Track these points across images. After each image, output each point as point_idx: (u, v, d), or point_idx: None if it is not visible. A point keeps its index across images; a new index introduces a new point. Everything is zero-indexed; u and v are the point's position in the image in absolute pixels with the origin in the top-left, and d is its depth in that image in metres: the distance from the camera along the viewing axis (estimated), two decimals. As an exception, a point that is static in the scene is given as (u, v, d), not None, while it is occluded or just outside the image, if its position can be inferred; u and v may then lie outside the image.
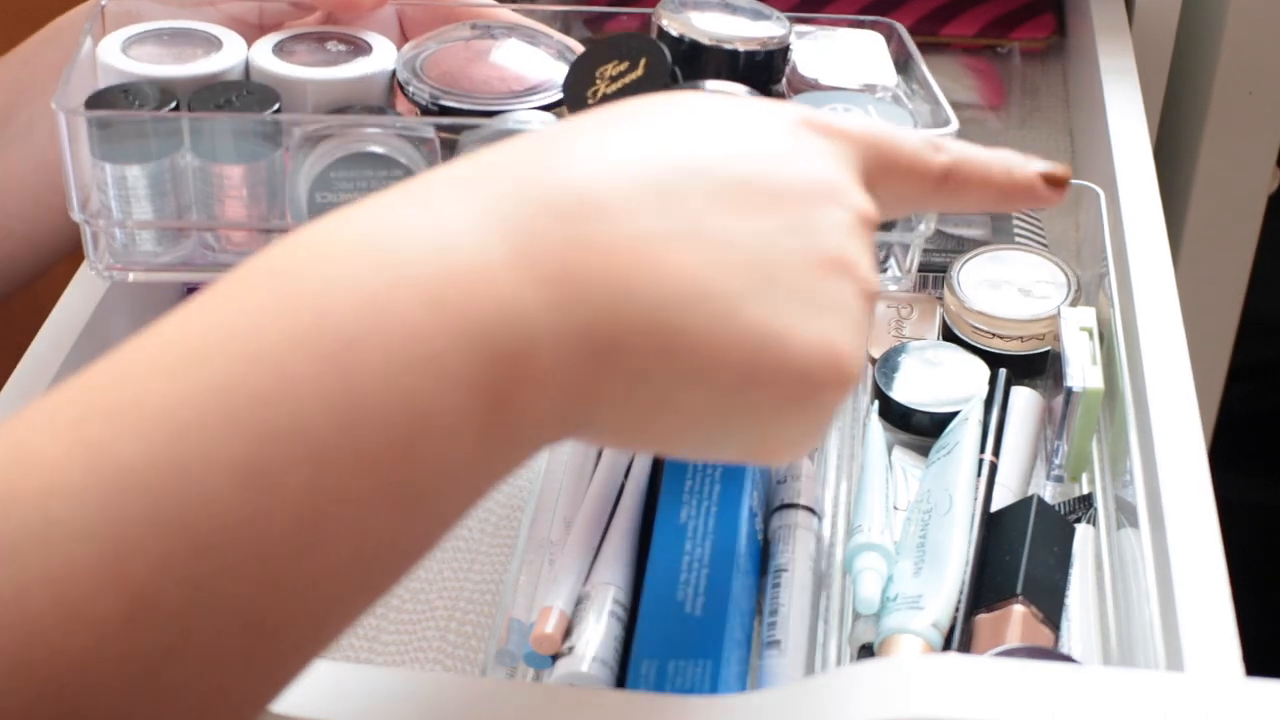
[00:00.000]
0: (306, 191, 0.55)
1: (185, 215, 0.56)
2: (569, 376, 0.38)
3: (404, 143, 0.55)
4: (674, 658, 0.50)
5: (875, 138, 0.45)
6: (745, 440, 0.42)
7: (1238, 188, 0.92)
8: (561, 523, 0.58)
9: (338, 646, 0.60)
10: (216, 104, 0.55)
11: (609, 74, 0.56)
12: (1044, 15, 0.94)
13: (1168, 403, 0.56)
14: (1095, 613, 0.55)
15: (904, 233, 0.59)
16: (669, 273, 0.38)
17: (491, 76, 0.58)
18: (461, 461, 0.37)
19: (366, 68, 0.58)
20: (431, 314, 0.36)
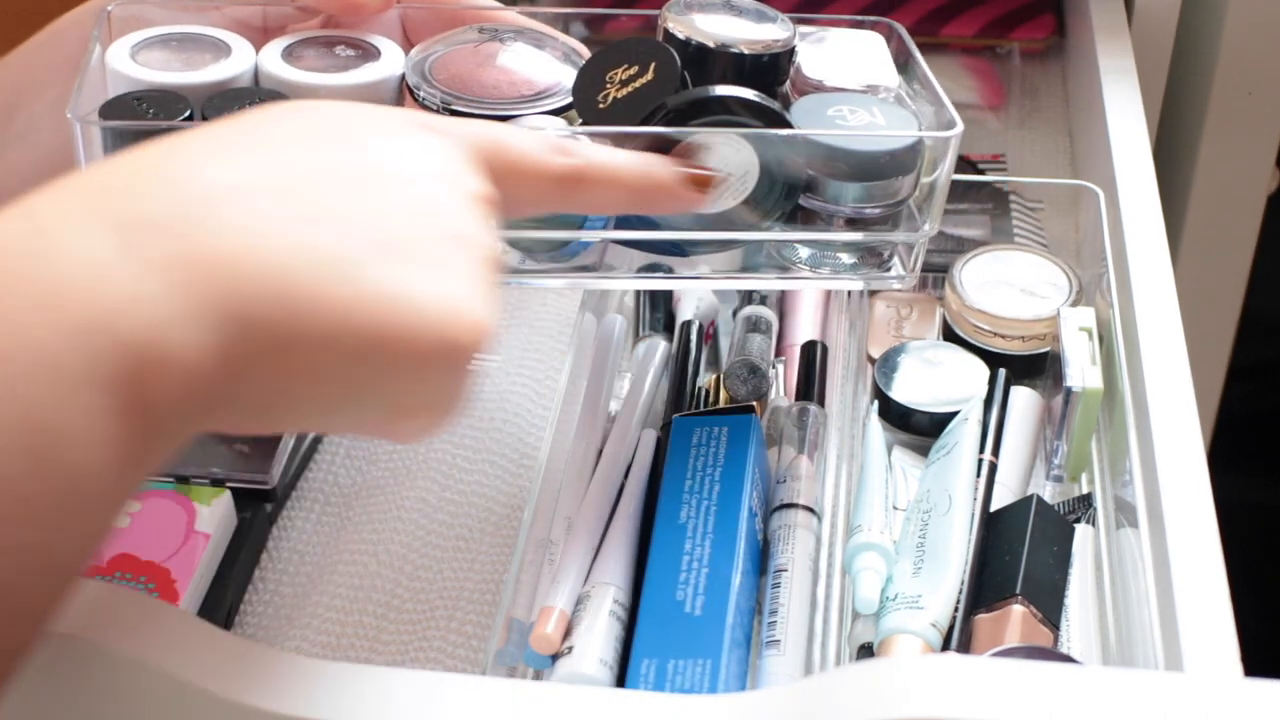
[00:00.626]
0: None
1: None
2: (200, 356, 0.38)
3: None
4: (674, 658, 0.51)
5: (485, 138, 0.48)
6: (383, 405, 0.43)
7: (1237, 188, 0.92)
8: (561, 523, 0.58)
9: (338, 646, 0.60)
10: (231, 112, 0.55)
11: (619, 78, 0.56)
12: (1043, 15, 0.94)
13: (1167, 403, 0.56)
14: (1095, 613, 0.55)
15: (908, 233, 0.59)
16: (288, 244, 0.40)
17: (501, 80, 0.58)
18: (100, 462, 0.37)
19: (376, 73, 0.58)
20: (46, 317, 0.35)
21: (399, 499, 0.66)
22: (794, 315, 0.70)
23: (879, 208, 0.58)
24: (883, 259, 0.60)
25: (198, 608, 0.60)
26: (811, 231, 0.58)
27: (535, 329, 0.75)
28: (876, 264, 0.60)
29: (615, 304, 0.73)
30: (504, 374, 0.72)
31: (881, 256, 0.60)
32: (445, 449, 0.68)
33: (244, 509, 0.64)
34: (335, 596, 0.62)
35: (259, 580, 0.64)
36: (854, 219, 0.58)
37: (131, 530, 0.61)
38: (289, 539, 0.65)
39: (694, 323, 0.68)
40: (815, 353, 0.66)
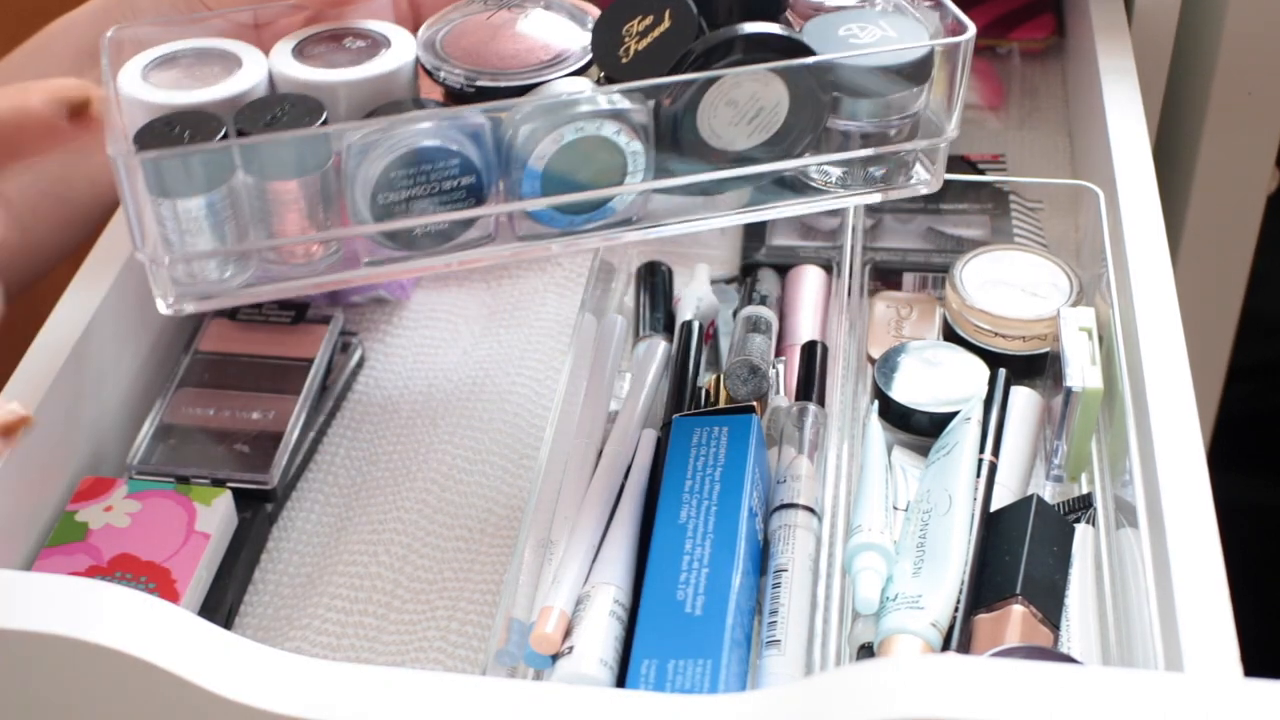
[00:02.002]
0: (369, 195, 0.55)
1: (245, 237, 0.56)
2: None
3: (454, 129, 0.55)
4: (674, 658, 0.51)
5: None
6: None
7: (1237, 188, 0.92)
8: (561, 523, 0.58)
9: (338, 646, 0.60)
10: (264, 122, 0.55)
11: (635, 30, 0.57)
12: (1043, 16, 0.94)
13: (1167, 403, 0.56)
14: (1095, 613, 0.55)
15: (931, 138, 0.60)
16: None
17: (519, 49, 0.59)
18: None
19: (392, 62, 0.58)
20: None
21: (399, 499, 0.66)
22: (794, 315, 0.70)
23: (902, 118, 0.60)
24: (908, 168, 0.62)
25: (198, 608, 0.60)
26: (840, 152, 0.60)
27: (535, 329, 0.75)
28: (903, 174, 0.62)
29: (615, 304, 0.73)
30: (504, 374, 0.72)
31: (907, 166, 0.62)
32: (445, 449, 0.68)
33: (244, 509, 0.64)
34: (335, 596, 0.62)
35: (259, 580, 0.64)
36: (878, 132, 0.60)
37: (132, 530, 0.61)
38: (289, 539, 0.65)
39: (694, 323, 0.68)
40: (815, 353, 0.66)
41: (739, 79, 0.56)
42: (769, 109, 0.57)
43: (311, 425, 0.69)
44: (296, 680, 0.45)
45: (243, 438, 0.66)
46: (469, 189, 0.56)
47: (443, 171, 0.55)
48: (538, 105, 0.56)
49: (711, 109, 0.56)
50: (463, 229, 0.58)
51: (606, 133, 0.56)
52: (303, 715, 0.44)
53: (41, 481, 0.62)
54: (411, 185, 0.55)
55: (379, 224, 0.56)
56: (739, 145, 0.57)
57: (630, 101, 0.56)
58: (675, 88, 0.56)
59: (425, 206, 0.56)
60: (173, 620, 0.46)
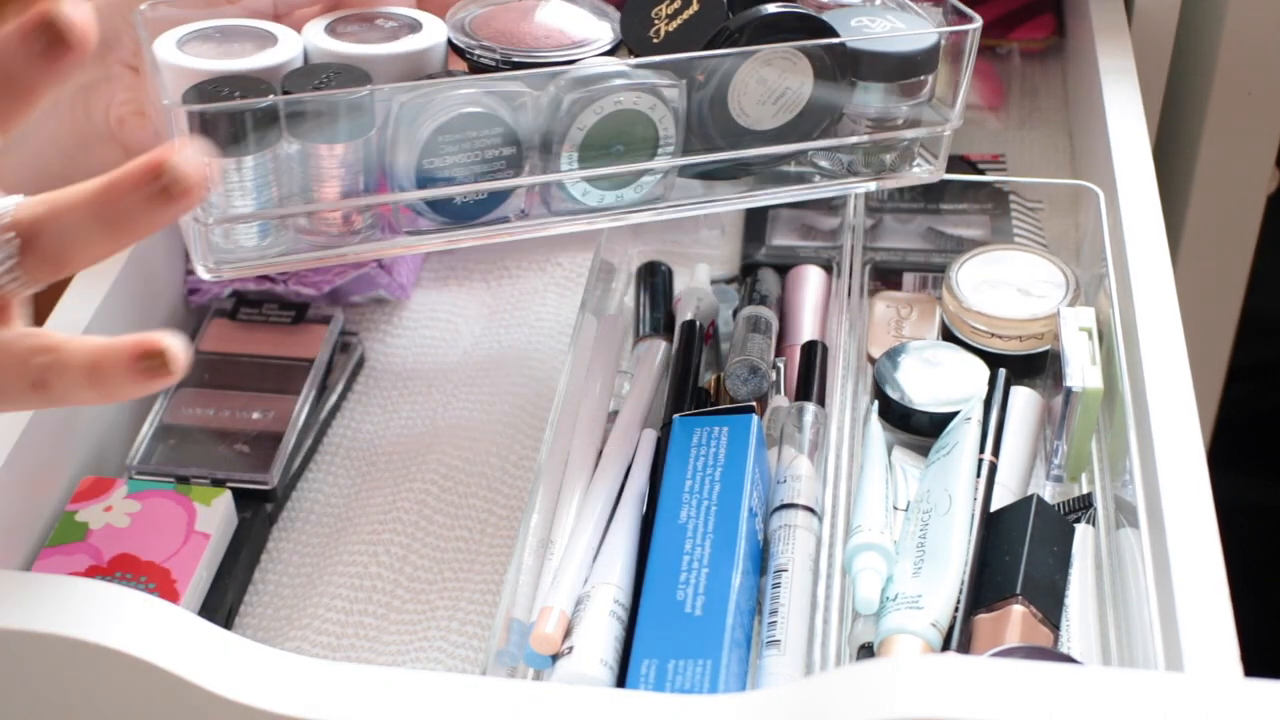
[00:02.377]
0: (415, 160, 0.56)
1: (286, 203, 0.57)
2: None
3: (496, 100, 0.56)
4: (674, 658, 0.51)
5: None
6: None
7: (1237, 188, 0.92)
8: (561, 523, 0.58)
9: (338, 646, 0.60)
10: (312, 86, 0.55)
11: (665, 13, 0.59)
12: (1043, 16, 0.94)
13: (1167, 403, 0.56)
14: (1095, 613, 0.55)
15: (932, 127, 0.63)
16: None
17: (550, 32, 0.60)
18: None
19: (426, 40, 0.59)
20: None
21: (399, 499, 0.66)
22: (794, 315, 0.70)
23: (911, 106, 0.62)
24: (913, 156, 0.65)
25: (198, 608, 0.60)
26: (858, 137, 0.63)
27: (535, 329, 0.75)
28: (908, 161, 0.64)
29: (615, 304, 0.73)
30: (504, 374, 0.72)
31: (912, 154, 0.64)
32: (445, 449, 0.68)
33: (244, 509, 0.64)
34: (335, 596, 0.62)
35: (259, 580, 0.64)
36: (890, 119, 0.62)
37: (132, 530, 0.61)
38: (289, 539, 0.65)
39: (694, 323, 0.68)
40: (815, 353, 0.66)
41: (771, 56, 0.58)
42: (794, 89, 0.59)
43: (311, 425, 0.69)
44: (296, 680, 0.45)
45: (243, 438, 0.66)
46: (509, 160, 0.57)
47: (486, 139, 0.57)
48: (577, 76, 0.57)
49: (743, 86, 0.58)
50: (497, 203, 0.59)
51: (643, 107, 0.58)
52: (303, 715, 0.44)
53: (41, 481, 0.62)
54: (456, 150, 0.56)
55: (421, 190, 0.57)
56: (765, 125, 0.60)
57: (663, 78, 0.58)
58: (709, 64, 0.58)
59: (466, 175, 0.57)
60: (173, 620, 0.46)
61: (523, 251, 0.79)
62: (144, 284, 0.69)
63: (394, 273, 0.75)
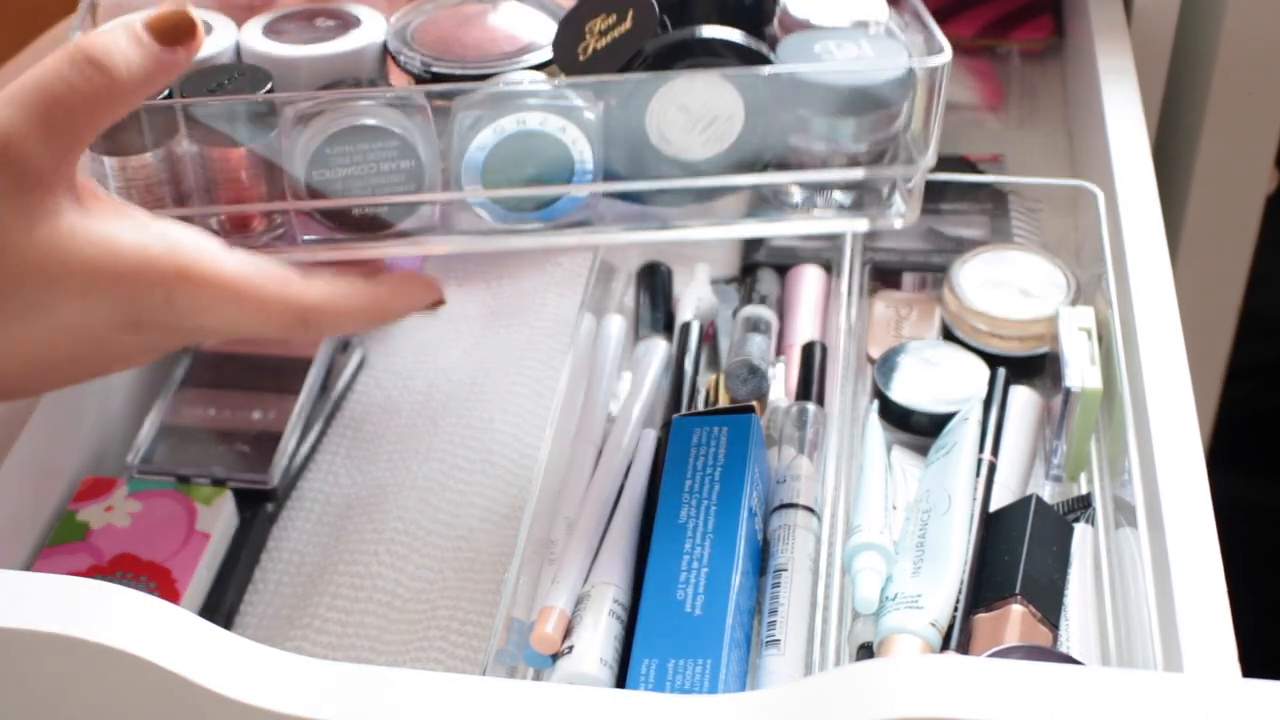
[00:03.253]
0: (304, 170, 0.55)
1: (187, 202, 0.56)
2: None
3: (397, 113, 0.55)
4: (674, 658, 0.51)
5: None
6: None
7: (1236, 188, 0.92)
8: (561, 523, 0.58)
9: (338, 646, 0.60)
10: (209, 88, 0.55)
11: (598, 29, 0.55)
12: (1042, 16, 0.94)
13: (1166, 403, 0.56)
14: (1094, 612, 0.55)
15: (905, 166, 0.58)
16: None
17: (484, 39, 0.58)
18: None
19: (356, 41, 0.58)
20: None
21: (399, 499, 0.66)
22: (794, 315, 0.70)
23: (872, 143, 0.57)
24: (882, 197, 0.59)
25: (198, 608, 0.60)
26: (805, 173, 0.58)
27: (535, 329, 0.75)
28: (875, 203, 0.59)
29: (615, 304, 0.73)
30: (504, 374, 0.72)
31: (880, 195, 0.59)
32: (446, 449, 0.68)
33: (245, 509, 0.64)
34: (335, 596, 0.62)
35: (259, 580, 0.64)
36: (848, 156, 0.57)
37: (133, 530, 0.61)
38: (289, 539, 0.65)
39: (694, 323, 0.68)
40: (815, 353, 0.66)
41: (690, 83, 0.54)
42: (723, 118, 0.55)
43: (311, 425, 0.69)
44: (296, 680, 0.45)
45: (243, 438, 0.66)
46: (408, 173, 0.55)
47: (380, 152, 0.55)
48: (483, 93, 0.55)
49: (661, 112, 0.55)
50: (403, 215, 0.57)
51: (550, 129, 0.55)
52: (303, 715, 0.44)
53: (42, 481, 0.62)
54: (348, 163, 0.55)
55: (313, 201, 0.55)
56: (693, 154, 0.56)
57: (580, 99, 0.55)
58: (623, 87, 0.54)
59: (362, 188, 0.55)
60: (173, 620, 0.46)
61: (523, 251, 0.79)
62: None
63: (394, 273, 0.75)
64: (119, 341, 0.53)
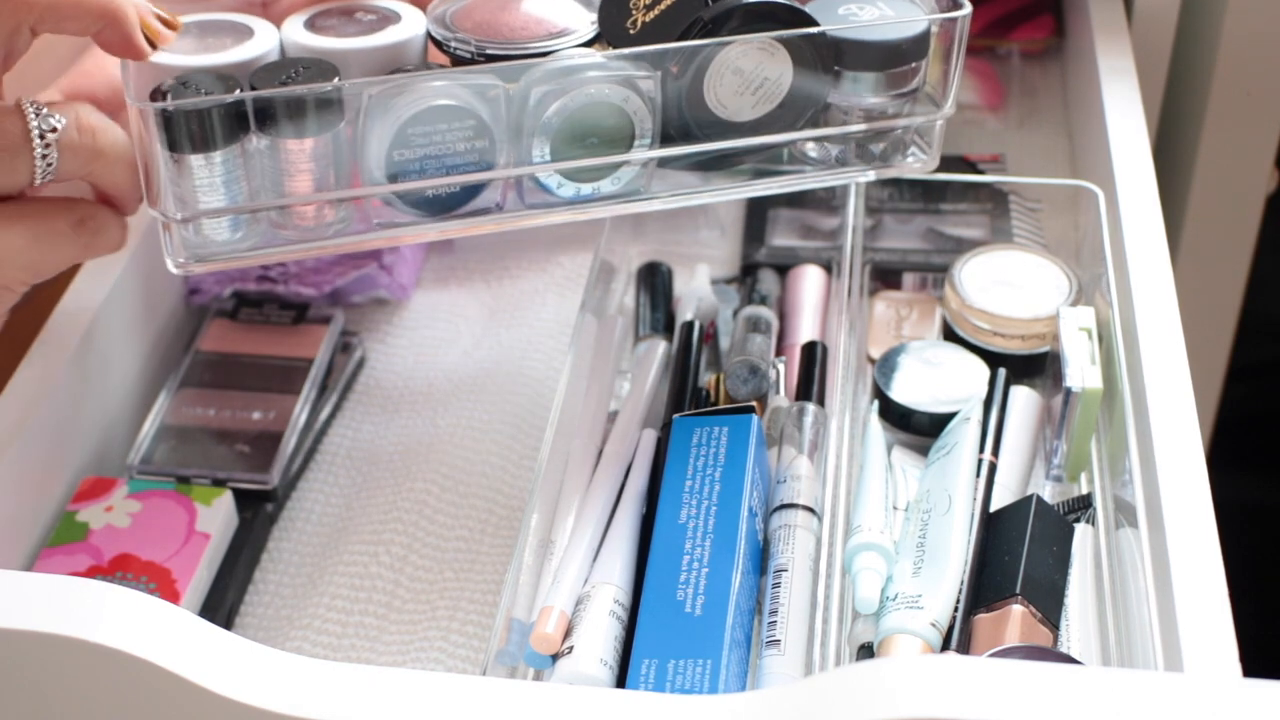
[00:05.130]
0: (385, 151, 0.56)
1: (256, 197, 0.57)
2: None
3: (469, 93, 0.56)
4: (674, 658, 0.51)
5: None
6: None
7: (1236, 188, 0.92)
8: (561, 523, 0.58)
9: (338, 646, 0.60)
10: (279, 81, 0.55)
11: (642, 4, 0.58)
12: (1043, 16, 0.94)
13: (1166, 403, 0.56)
14: (1094, 613, 0.55)
15: (927, 114, 0.62)
16: None
17: (527, 22, 0.60)
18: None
19: (403, 33, 0.59)
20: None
21: (399, 499, 0.66)
22: (794, 315, 0.70)
23: (899, 95, 0.61)
24: (906, 147, 0.63)
25: (198, 608, 0.60)
26: (845, 128, 0.61)
27: (535, 329, 0.75)
28: (900, 153, 0.63)
29: (615, 304, 0.73)
30: (504, 374, 0.72)
31: (905, 145, 0.63)
32: (446, 449, 0.68)
33: (245, 509, 0.64)
34: (335, 596, 0.62)
35: (259, 580, 0.64)
36: (875, 109, 0.61)
37: (133, 530, 0.61)
38: (289, 539, 0.65)
39: (694, 323, 0.68)
40: (815, 353, 0.66)
41: (745, 47, 0.57)
42: (773, 80, 0.58)
43: (311, 425, 0.69)
44: (296, 680, 0.45)
45: (243, 438, 0.66)
46: (481, 152, 0.57)
47: (458, 132, 0.56)
48: (548, 68, 0.57)
49: (718, 77, 0.57)
50: (471, 196, 0.58)
51: (615, 99, 0.57)
52: (303, 715, 0.44)
53: (42, 481, 0.62)
54: (427, 143, 0.56)
55: (391, 184, 0.57)
56: (744, 116, 0.59)
57: (638, 70, 0.57)
58: (683, 54, 0.57)
59: (437, 168, 0.57)
60: (173, 620, 0.46)
61: (523, 251, 0.79)
62: (145, 283, 0.69)
63: (394, 273, 0.75)
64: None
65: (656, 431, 0.62)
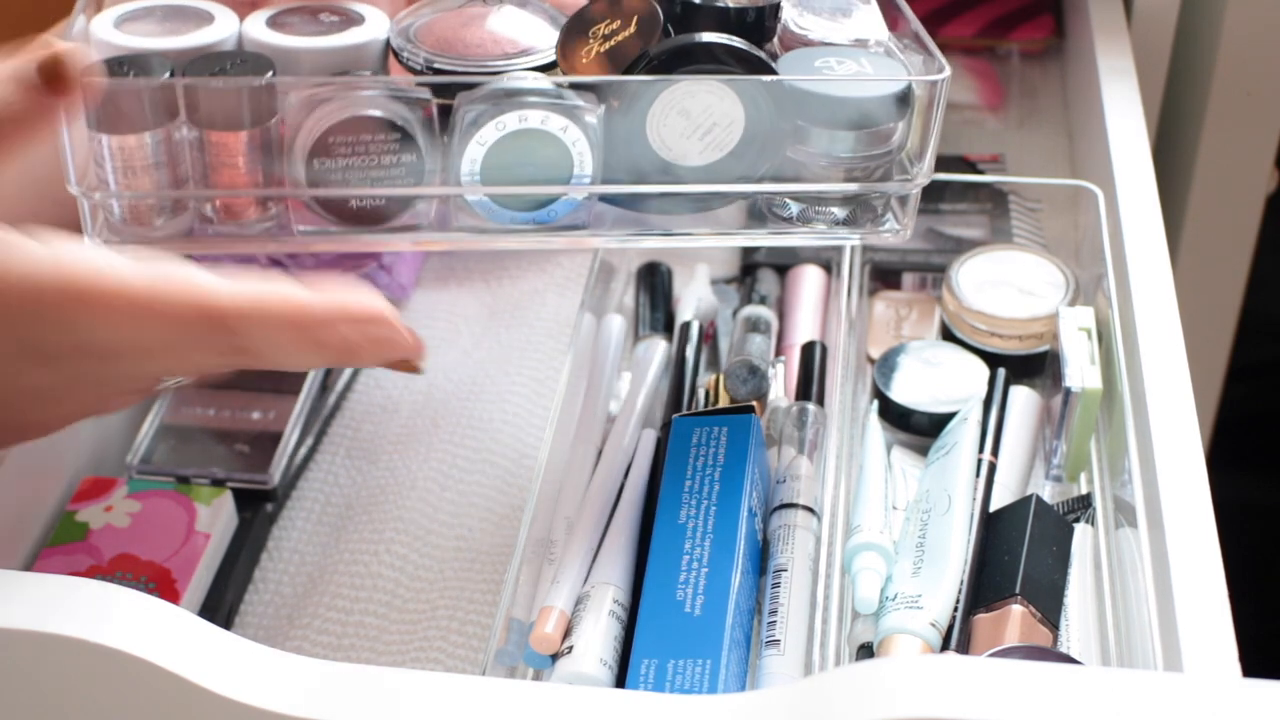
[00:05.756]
0: (305, 157, 0.55)
1: (182, 187, 0.56)
2: None
3: (401, 105, 0.55)
4: (674, 658, 0.51)
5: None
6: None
7: (1236, 188, 0.92)
8: (561, 523, 0.58)
9: (338, 646, 0.60)
10: (211, 72, 0.55)
11: (601, 33, 0.56)
12: (1043, 16, 0.94)
13: (1166, 403, 0.56)
14: (1094, 612, 0.55)
15: (900, 182, 0.58)
16: None
17: (485, 40, 0.58)
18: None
19: (359, 36, 0.58)
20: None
21: (399, 499, 0.66)
22: (794, 315, 0.70)
23: (869, 158, 0.57)
24: (876, 213, 0.59)
25: (198, 608, 0.60)
26: (801, 184, 0.57)
27: (535, 329, 0.75)
28: (870, 218, 0.59)
29: (615, 304, 0.73)
30: (504, 374, 0.72)
31: (875, 210, 0.59)
32: (446, 449, 0.68)
33: (244, 509, 0.64)
34: (335, 596, 0.62)
35: (259, 580, 0.64)
36: (844, 170, 0.57)
37: (132, 530, 0.61)
38: (289, 539, 0.65)
39: (694, 323, 0.68)
40: (815, 353, 0.66)
41: (693, 88, 0.54)
42: (723, 126, 0.55)
43: (311, 425, 0.69)
44: (296, 680, 0.45)
45: (243, 438, 0.66)
46: (409, 167, 0.55)
47: (382, 145, 0.55)
48: (484, 90, 0.55)
49: (662, 116, 0.55)
50: (400, 210, 0.56)
51: (552, 128, 0.55)
52: (303, 715, 0.44)
53: (41, 481, 0.62)
54: (349, 153, 0.55)
55: (312, 189, 0.55)
56: (690, 160, 0.56)
57: (581, 100, 0.55)
58: (626, 89, 0.54)
59: (362, 179, 0.55)
60: (173, 620, 0.46)
61: (523, 251, 0.79)
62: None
63: (394, 273, 0.75)
64: (31, 379, 0.49)
65: (656, 431, 0.62)
